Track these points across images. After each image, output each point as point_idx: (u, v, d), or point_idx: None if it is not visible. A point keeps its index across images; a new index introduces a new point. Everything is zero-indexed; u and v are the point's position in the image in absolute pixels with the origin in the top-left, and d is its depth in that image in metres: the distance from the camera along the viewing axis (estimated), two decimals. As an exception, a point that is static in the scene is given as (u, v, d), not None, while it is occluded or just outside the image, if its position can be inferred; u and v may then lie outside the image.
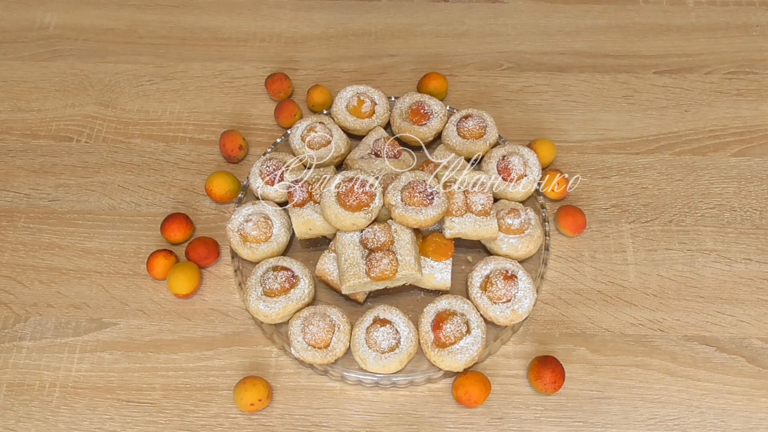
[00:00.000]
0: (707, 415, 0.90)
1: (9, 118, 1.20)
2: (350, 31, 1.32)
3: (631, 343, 0.96)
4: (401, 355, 0.89)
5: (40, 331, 0.97)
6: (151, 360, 0.95)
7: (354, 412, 0.91)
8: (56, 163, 1.14)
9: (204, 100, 1.22)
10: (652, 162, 1.13)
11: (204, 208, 1.09)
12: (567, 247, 1.04)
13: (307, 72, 1.26)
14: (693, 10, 1.34)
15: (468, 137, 1.07)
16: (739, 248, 1.04)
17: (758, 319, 0.97)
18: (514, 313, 0.92)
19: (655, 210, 1.08)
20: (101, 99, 1.22)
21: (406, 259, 0.91)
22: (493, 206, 0.99)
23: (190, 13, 1.35)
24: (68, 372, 0.94)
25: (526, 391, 0.92)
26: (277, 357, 0.95)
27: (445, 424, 0.90)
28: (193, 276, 0.98)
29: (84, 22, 1.34)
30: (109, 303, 1.00)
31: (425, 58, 1.27)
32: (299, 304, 0.93)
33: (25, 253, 1.05)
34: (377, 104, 1.13)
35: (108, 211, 1.09)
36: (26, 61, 1.28)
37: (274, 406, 0.91)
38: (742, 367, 0.93)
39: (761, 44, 1.28)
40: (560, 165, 1.13)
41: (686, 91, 1.22)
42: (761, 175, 1.11)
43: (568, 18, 1.33)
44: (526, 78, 1.24)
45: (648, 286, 1.00)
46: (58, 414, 0.91)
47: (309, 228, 0.98)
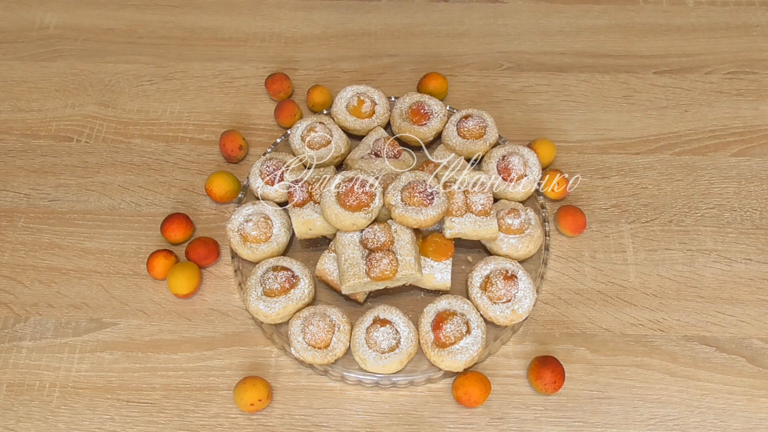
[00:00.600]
0: (707, 415, 0.90)
1: (9, 118, 1.20)
2: (350, 31, 1.32)
3: (631, 343, 0.96)
4: (401, 355, 0.89)
5: (40, 331, 0.97)
6: (151, 360, 0.95)
7: (354, 412, 0.91)
8: (56, 163, 1.14)
9: (204, 100, 1.22)
10: (652, 162, 1.13)
11: (204, 208, 1.09)
12: (567, 247, 1.04)
13: (307, 72, 1.26)
14: (693, 10, 1.34)
15: (468, 137, 1.07)
16: (739, 248, 1.04)
17: (758, 319, 0.97)
18: (514, 313, 0.92)
19: (655, 210, 1.08)
20: (101, 99, 1.22)
21: (406, 259, 0.91)
22: (493, 206, 0.99)
23: (190, 13, 1.35)
24: (68, 372, 0.94)
25: (526, 391, 0.92)
26: (277, 357, 0.95)
27: (445, 424, 0.90)
28: (193, 276, 0.98)
29: (84, 22, 1.34)
30: (109, 303, 1.00)
31: (425, 58, 1.27)
32: (299, 304, 0.93)
33: (25, 253, 1.05)
34: (377, 104, 1.13)
35: (108, 211, 1.09)
36: (26, 61, 1.28)
37: (274, 406, 0.91)
38: (742, 367, 0.93)
39: (761, 44, 1.28)
40: (560, 165, 1.13)
41: (686, 91, 1.22)
42: (761, 175, 1.11)
43: (568, 18, 1.33)
44: (526, 78, 1.24)
45: (648, 286, 1.00)
46: (58, 414, 0.91)
47: (309, 228, 0.98)
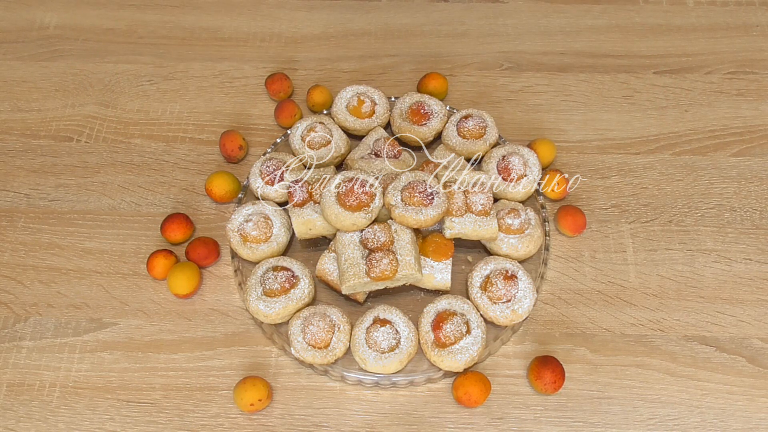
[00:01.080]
0: (707, 415, 0.90)
1: (9, 118, 1.20)
2: (350, 31, 1.32)
3: (631, 343, 0.96)
4: (401, 355, 0.89)
5: (40, 331, 0.97)
6: (151, 360, 0.95)
7: (354, 412, 0.91)
8: (56, 163, 1.14)
9: (204, 100, 1.22)
10: (652, 162, 1.13)
11: (204, 208, 1.09)
12: (567, 247, 1.04)
13: (307, 72, 1.26)
14: (693, 10, 1.34)
15: (468, 137, 1.07)
16: (739, 248, 1.04)
17: (758, 319, 0.97)
18: (514, 313, 0.92)
19: (655, 210, 1.08)
20: (101, 99, 1.22)
21: (406, 259, 0.91)
22: (493, 206, 0.99)
23: (190, 13, 1.35)
24: (68, 372, 0.94)
25: (526, 391, 0.92)
26: (277, 357, 0.95)
27: (445, 424, 0.90)
28: (193, 276, 0.98)
29: (84, 22, 1.34)
30: (109, 303, 1.00)
31: (425, 58, 1.27)
32: (299, 304, 0.93)
33: (25, 253, 1.05)
34: (377, 104, 1.13)
35: (108, 211, 1.09)
36: (26, 61, 1.28)
37: (274, 406, 0.91)
38: (742, 367, 0.93)
39: (761, 44, 1.28)
40: (560, 165, 1.13)
41: (686, 91, 1.22)
42: (761, 175, 1.11)
43: (568, 18, 1.33)
44: (526, 78, 1.24)
45: (648, 286, 1.00)
46: (58, 414, 0.91)
47: (309, 228, 0.98)
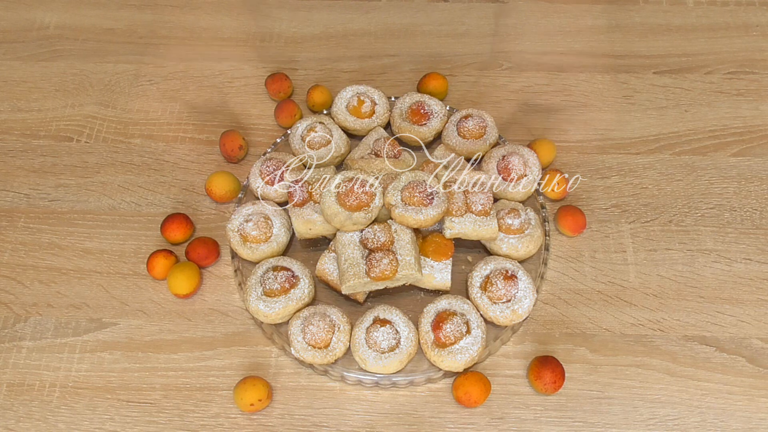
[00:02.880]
0: (707, 415, 0.90)
1: (9, 118, 1.20)
2: (350, 31, 1.32)
3: (631, 343, 0.96)
4: (401, 355, 0.89)
5: (40, 331, 0.97)
6: (151, 360, 0.95)
7: (354, 412, 0.91)
8: (56, 163, 1.14)
9: (204, 100, 1.22)
10: (652, 162, 1.13)
11: (204, 208, 1.09)
12: (567, 247, 1.04)
13: (307, 72, 1.25)
14: (693, 10, 1.34)
15: (468, 137, 1.07)
16: (739, 248, 1.04)
17: (758, 319, 0.97)
18: (514, 313, 0.92)
19: (655, 210, 1.08)
20: (101, 99, 1.22)
21: (406, 259, 0.91)
22: (493, 206, 0.99)
23: (190, 13, 1.35)
24: (68, 372, 0.94)
25: (526, 391, 0.92)
26: (277, 357, 0.95)
27: (445, 424, 0.90)
28: (193, 276, 0.98)
29: (84, 22, 1.34)
30: (109, 303, 1.00)
31: (425, 58, 1.27)
32: (299, 304, 0.93)
33: (25, 253, 1.05)
34: (377, 104, 1.13)
35: (108, 211, 1.09)
36: (26, 61, 1.28)
37: (274, 406, 0.91)
38: (742, 367, 0.93)
39: (761, 44, 1.28)
40: (560, 165, 1.13)
41: (686, 91, 1.22)
42: (761, 175, 1.11)
43: (568, 18, 1.33)
44: (526, 78, 1.24)
45: (648, 286, 1.00)
46: (58, 414, 0.91)
47: (309, 228, 0.98)
